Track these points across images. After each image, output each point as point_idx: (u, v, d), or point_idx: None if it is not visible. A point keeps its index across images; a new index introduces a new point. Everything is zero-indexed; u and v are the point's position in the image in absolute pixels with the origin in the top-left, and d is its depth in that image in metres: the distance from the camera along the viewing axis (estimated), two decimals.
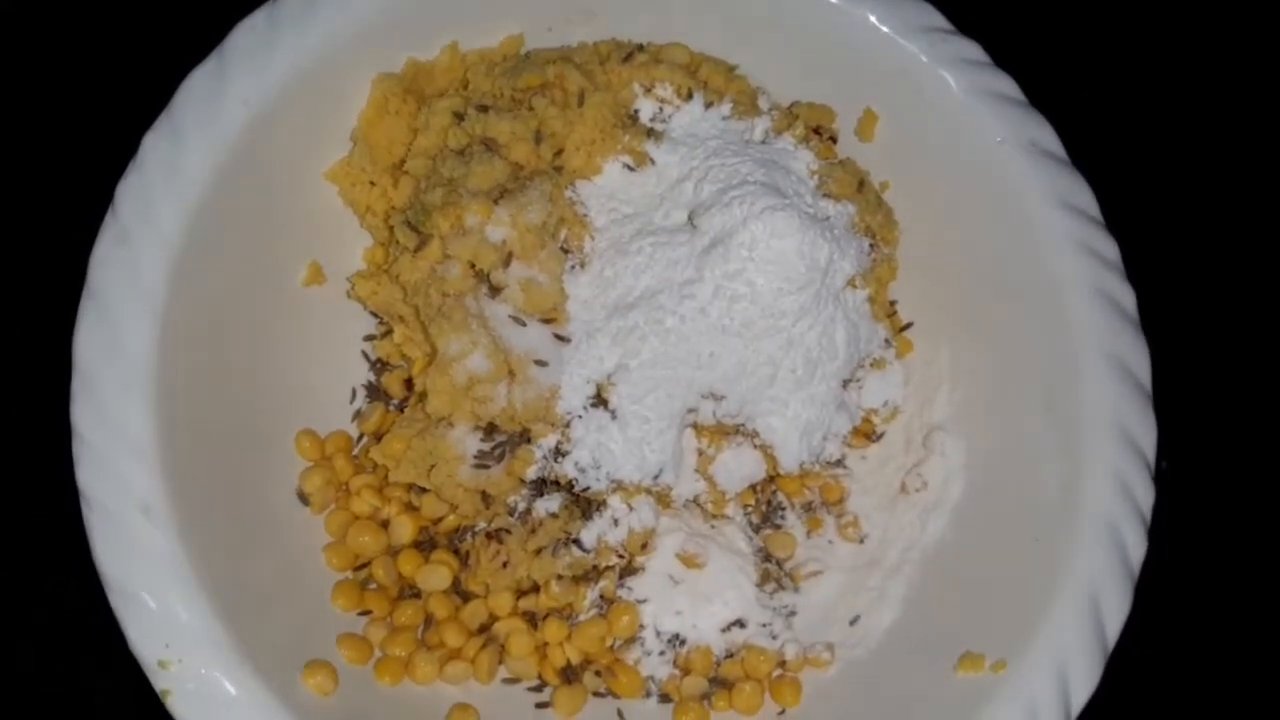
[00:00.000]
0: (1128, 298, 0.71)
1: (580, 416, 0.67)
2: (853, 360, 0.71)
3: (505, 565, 0.71)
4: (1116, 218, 0.73)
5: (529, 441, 0.68)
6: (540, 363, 0.66)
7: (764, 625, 0.73)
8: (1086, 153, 0.74)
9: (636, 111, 0.72)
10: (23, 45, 0.89)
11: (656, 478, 0.68)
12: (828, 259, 0.66)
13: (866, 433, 0.78)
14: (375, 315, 0.76)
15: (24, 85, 0.87)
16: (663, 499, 0.71)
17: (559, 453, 0.67)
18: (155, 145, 0.66)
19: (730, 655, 0.73)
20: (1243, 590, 0.85)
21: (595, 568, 0.71)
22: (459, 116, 0.71)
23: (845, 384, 0.72)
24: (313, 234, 0.75)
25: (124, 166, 0.65)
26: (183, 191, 0.65)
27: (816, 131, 0.76)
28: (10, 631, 0.76)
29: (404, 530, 0.72)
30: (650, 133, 0.71)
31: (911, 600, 0.73)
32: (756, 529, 0.76)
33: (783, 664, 0.72)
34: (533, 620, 0.71)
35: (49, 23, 0.89)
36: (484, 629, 0.71)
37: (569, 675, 0.71)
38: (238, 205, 0.68)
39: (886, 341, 0.75)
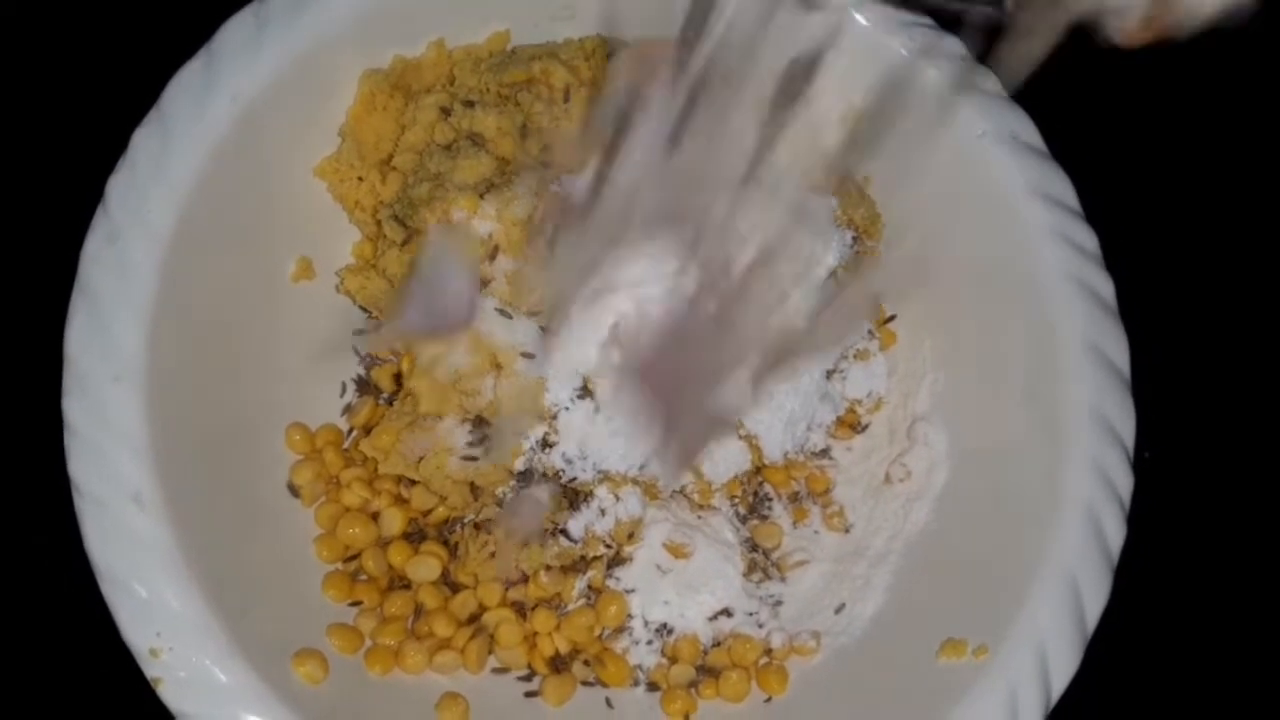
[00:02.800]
0: (1107, 288, 0.72)
1: (567, 408, 0.68)
2: (836, 352, 0.72)
3: (493, 556, 0.71)
4: (1096, 209, 0.74)
5: None
6: (527, 355, 0.67)
7: (751, 614, 0.74)
8: (1066, 146, 0.75)
9: None
10: (12, 42, 0.89)
11: (643, 468, 0.69)
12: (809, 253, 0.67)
13: (851, 424, 0.79)
14: (365, 309, 0.76)
15: (13, 82, 0.88)
16: (650, 490, 0.72)
17: (546, 444, 0.68)
18: (145, 142, 0.66)
19: (717, 644, 0.73)
20: (1222, 578, 0.85)
21: (583, 558, 0.72)
22: (445, 112, 0.71)
23: (829, 375, 0.73)
24: (302, 229, 0.75)
25: (114, 163, 0.66)
26: (172, 187, 0.66)
27: None
28: (2, 620, 0.76)
29: (394, 522, 0.73)
30: None
31: (896, 588, 0.73)
32: (743, 519, 0.77)
33: (769, 652, 0.73)
34: (522, 610, 0.72)
35: (38, 19, 0.90)
36: (473, 619, 0.71)
37: (558, 664, 0.72)
38: (227, 201, 0.69)
39: (870, 333, 0.76)
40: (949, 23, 0.76)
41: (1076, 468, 0.68)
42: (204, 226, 0.67)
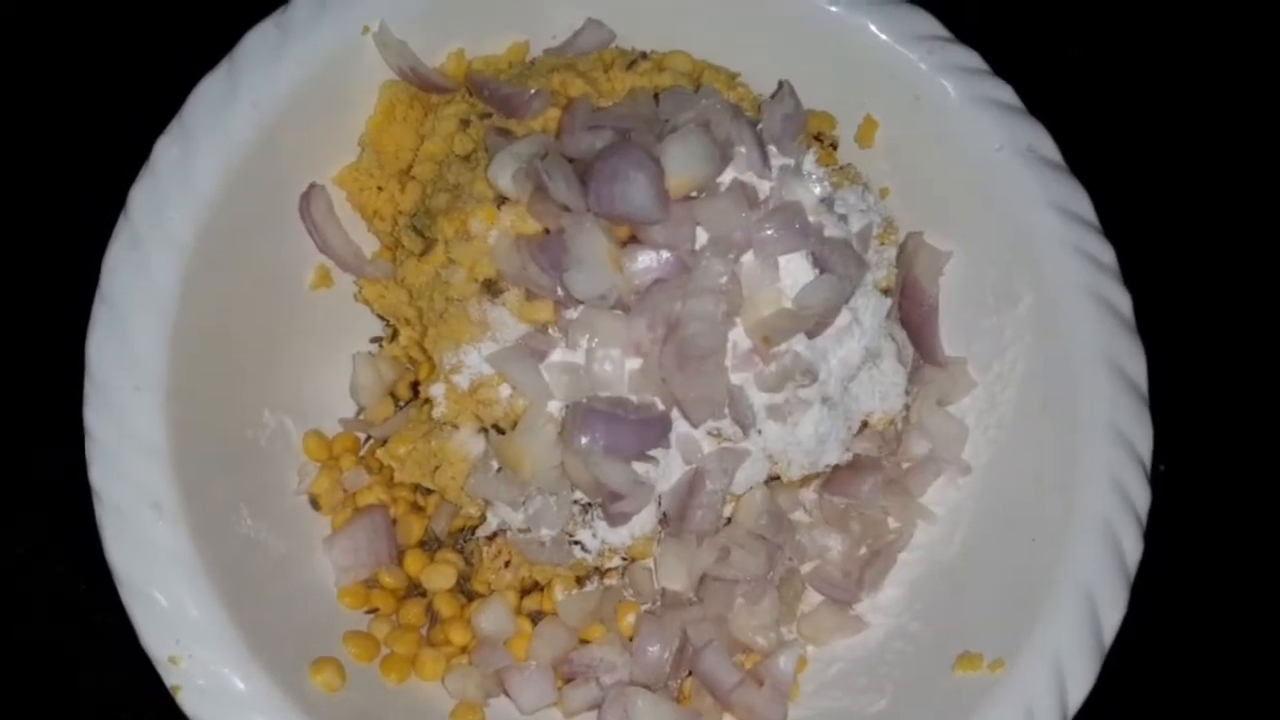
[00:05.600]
0: (1124, 301, 0.72)
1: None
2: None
3: (508, 565, 0.72)
4: (1113, 223, 0.74)
5: None
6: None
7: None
8: (1083, 159, 0.75)
9: None
10: (37, 53, 0.90)
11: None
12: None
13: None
14: (382, 318, 0.77)
15: (38, 92, 0.89)
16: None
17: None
18: (167, 150, 0.67)
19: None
20: (1238, 591, 0.85)
21: (597, 569, 0.72)
22: (465, 123, 0.72)
23: (845, 388, 0.73)
24: None
25: (137, 172, 0.67)
26: (194, 196, 0.67)
27: (817, 138, 0.77)
28: (23, 628, 0.77)
29: (410, 531, 0.73)
30: None
31: (911, 600, 0.73)
32: None
33: None
34: (536, 619, 0.72)
35: (63, 30, 0.91)
36: None
37: None
38: (248, 210, 0.69)
39: (890, 336, 0.75)
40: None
41: (1093, 482, 0.69)
42: (225, 235, 0.68)
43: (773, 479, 0.72)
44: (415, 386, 0.76)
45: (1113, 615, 0.66)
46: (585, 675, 0.70)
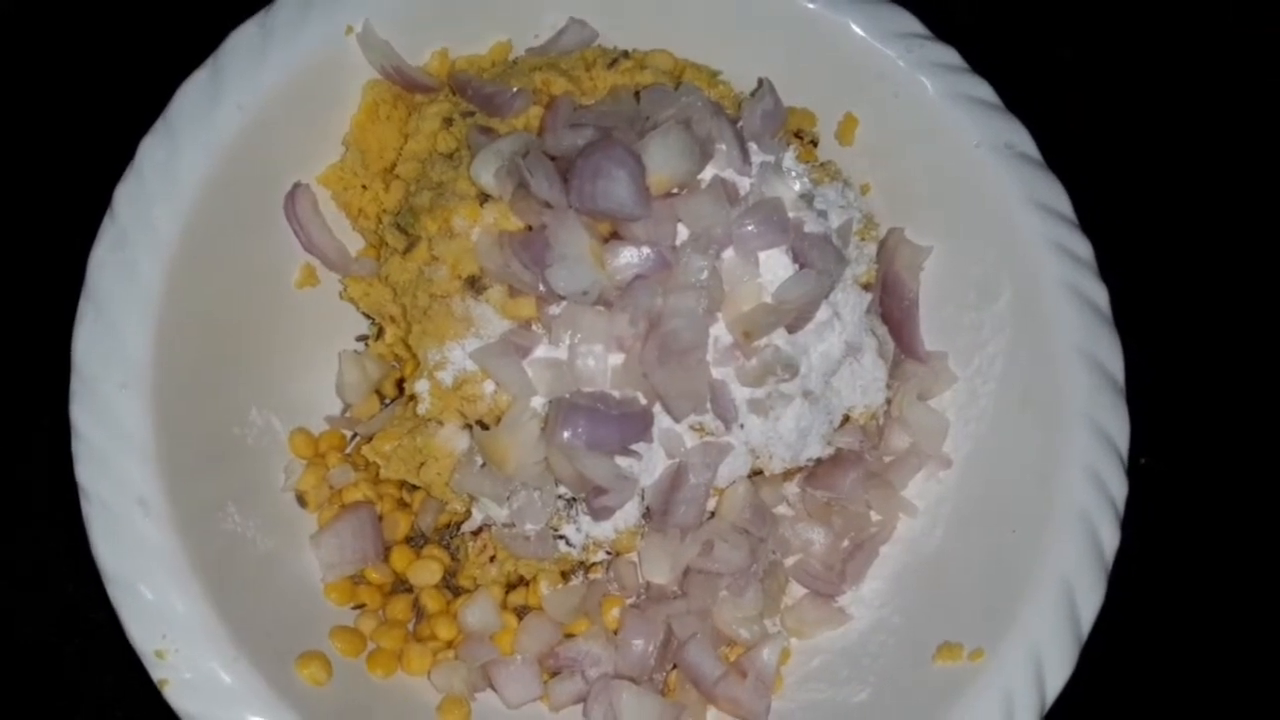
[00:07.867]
0: (1101, 295, 0.73)
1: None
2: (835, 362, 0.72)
3: (493, 560, 0.72)
4: (1090, 218, 0.75)
5: None
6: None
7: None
8: (1060, 155, 0.76)
9: None
10: (22, 52, 0.90)
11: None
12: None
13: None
14: (367, 316, 0.77)
15: (23, 91, 0.89)
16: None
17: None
18: (152, 150, 0.67)
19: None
20: (1218, 582, 0.86)
21: (582, 563, 0.73)
22: (448, 121, 0.72)
23: (827, 382, 0.73)
24: None
25: (122, 171, 0.67)
26: (179, 195, 0.67)
27: (798, 135, 0.77)
28: (11, 622, 0.77)
29: (396, 527, 0.74)
30: None
31: (893, 593, 0.74)
32: None
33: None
34: (522, 614, 0.73)
35: (47, 30, 0.91)
36: None
37: None
38: (233, 208, 0.70)
39: (867, 342, 0.76)
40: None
41: (1071, 473, 0.69)
42: (210, 234, 0.68)
43: (755, 473, 0.73)
44: (400, 384, 0.76)
45: (1090, 605, 0.67)
46: (570, 669, 0.70)
